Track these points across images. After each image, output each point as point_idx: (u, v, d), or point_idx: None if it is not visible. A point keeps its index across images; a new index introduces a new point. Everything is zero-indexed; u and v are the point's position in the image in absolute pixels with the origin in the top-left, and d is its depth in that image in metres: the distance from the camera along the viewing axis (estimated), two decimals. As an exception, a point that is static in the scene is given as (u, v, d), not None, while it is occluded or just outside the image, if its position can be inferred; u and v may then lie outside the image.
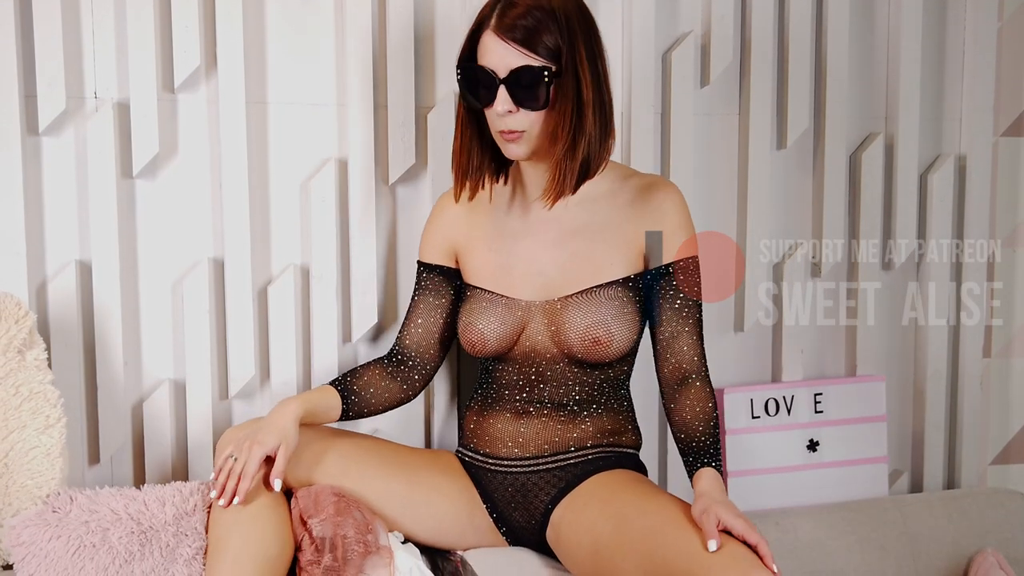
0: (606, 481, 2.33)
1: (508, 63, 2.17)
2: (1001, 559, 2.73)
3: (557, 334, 2.33)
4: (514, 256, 2.39)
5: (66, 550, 2.18)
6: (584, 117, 2.20)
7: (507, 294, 2.37)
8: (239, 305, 2.54)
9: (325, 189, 2.56)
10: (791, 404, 2.87)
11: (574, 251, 2.35)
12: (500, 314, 2.36)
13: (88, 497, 2.27)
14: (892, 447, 3.05)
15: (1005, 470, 3.17)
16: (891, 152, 2.95)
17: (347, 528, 2.22)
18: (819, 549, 2.68)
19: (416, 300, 2.47)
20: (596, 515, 2.23)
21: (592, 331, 2.30)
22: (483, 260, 2.41)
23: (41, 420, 2.27)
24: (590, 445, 2.39)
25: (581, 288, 2.33)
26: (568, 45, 2.17)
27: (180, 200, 2.53)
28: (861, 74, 2.94)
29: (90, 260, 2.47)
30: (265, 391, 2.61)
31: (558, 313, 2.33)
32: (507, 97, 2.18)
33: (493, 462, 2.42)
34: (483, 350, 2.37)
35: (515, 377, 2.39)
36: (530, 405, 2.39)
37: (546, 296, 2.35)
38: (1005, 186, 3.11)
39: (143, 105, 2.45)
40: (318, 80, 2.59)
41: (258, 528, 2.18)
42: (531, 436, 2.39)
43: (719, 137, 2.85)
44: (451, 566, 2.39)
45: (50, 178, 2.46)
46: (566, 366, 2.36)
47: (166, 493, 2.30)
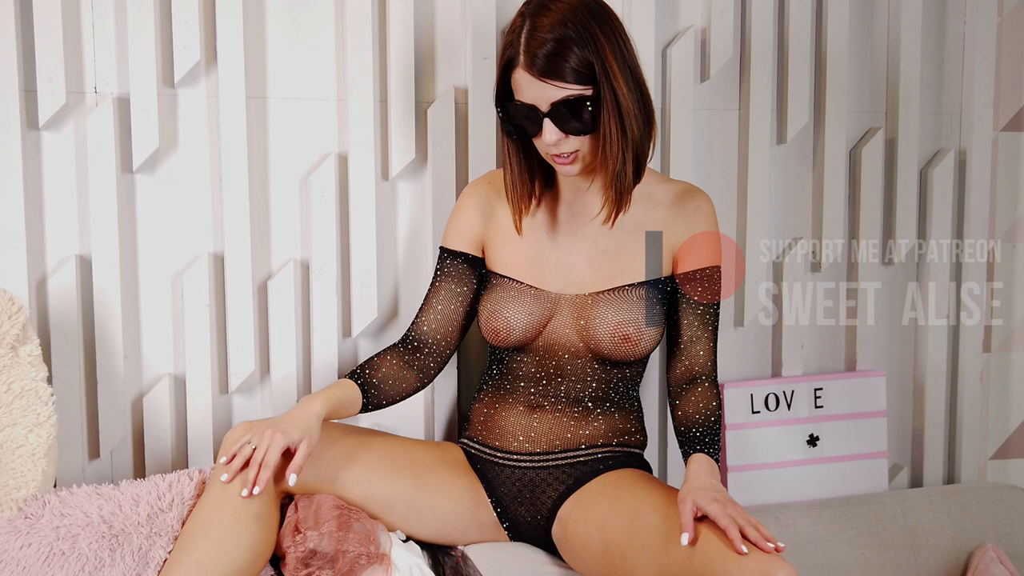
0: (615, 479, 2.33)
1: (547, 97, 2.17)
2: (1001, 554, 2.73)
3: (585, 329, 2.34)
4: (547, 248, 2.40)
5: (37, 558, 2.14)
6: (628, 128, 2.21)
7: (537, 285, 2.38)
8: (239, 300, 2.54)
9: (325, 184, 2.56)
10: (791, 399, 2.87)
11: (606, 249, 2.38)
12: (528, 304, 2.36)
13: (61, 500, 2.23)
14: (892, 442, 3.05)
15: (1005, 465, 3.17)
16: (891, 147, 2.95)
17: (348, 544, 2.21)
18: (819, 544, 2.68)
19: (436, 286, 2.45)
20: (606, 512, 2.23)
21: (623, 328, 2.32)
22: (514, 250, 2.41)
23: (32, 418, 2.24)
24: (601, 444, 2.40)
25: (613, 285, 2.36)
26: (598, 58, 2.16)
27: (180, 195, 2.53)
28: (861, 69, 2.94)
29: (90, 255, 2.47)
30: (265, 386, 2.60)
31: (588, 308, 2.34)
32: (554, 128, 2.19)
33: (502, 456, 2.42)
34: (507, 339, 2.37)
35: (533, 369, 2.40)
36: (544, 399, 2.40)
37: (576, 290, 2.37)
38: (1005, 181, 3.11)
39: (143, 100, 2.45)
40: (318, 75, 2.59)
41: (234, 536, 2.14)
42: (543, 431, 2.39)
43: (719, 132, 2.85)
44: (452, 561, 2.39)
45: (50, 173, 2.45)
46: (587, 361, 2.37)
47: (142, 490, 2.26)
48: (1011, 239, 3.12)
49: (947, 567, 2.75)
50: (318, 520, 2.23)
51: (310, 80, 2.59)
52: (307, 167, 2.59)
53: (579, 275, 2.38)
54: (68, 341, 2.45)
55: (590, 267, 2.38)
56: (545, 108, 2.18)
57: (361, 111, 2.56)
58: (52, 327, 2.45)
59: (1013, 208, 3.11)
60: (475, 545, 2.44)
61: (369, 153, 2.58)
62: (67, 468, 2.48)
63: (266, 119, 2.57)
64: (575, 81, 2.16)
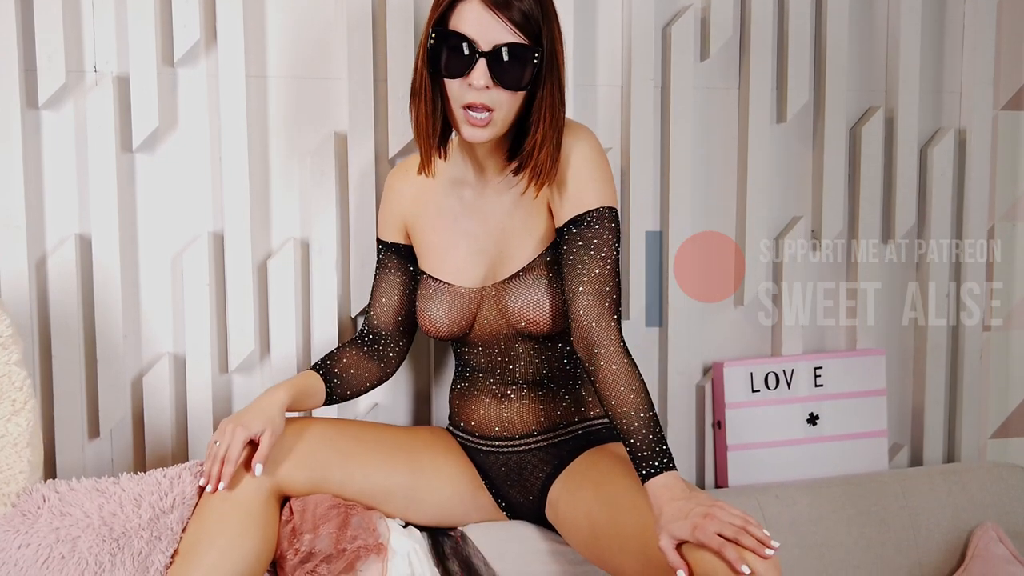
0: (597, 460, 2.30)
1: (494, 37, 2.07)
2: (1001, 532, 2.74)
3: (504, 315, 2.30)
4: (456, 237, 2.35)
5: (35, 559, 2.11)
6: (563, 107, 2.16)
7: (451, 281, 2.34)
8: (239, 279, 2.54)
9: (324, 162, 2.56)
10: (791, 378, 2.87)
11: (505, 229, 2.31)
12: (448, 301, 2.33)
13: (60, 496, 2.19)
14: (892, 421, 3.05)
15: (1005, 444, 3.17)
16: (891, 126, 2.95)
17: (346, 541, 2.23)
18: (819, 523, 2.68)
19: (378, 278, 2.46)
20: (591, 498, 2.21)
21: (526, 313, 2.27)
22: (428, 242, 2.38)
23: (7, 406, 2.15)
24: (577, 421, 2.39)
25: (515, 270, 2.29)
26: (548, 28, 2.11)
27: (180, 174, 2.53)
28: (861, 47, 2.94)
29: (90, 234, 2.47)
30: (265, 365, 2.61)
31: (499, 297, 2.30)
32: (486, 71, 2.07)
33: (484, 443, 2.42)
34: (437, 335, 2.36)
35: (483, 360, 2.38)
36: (507, 388, 2.38)
37: (487, 281, 2.33)
38: (1005, 160, 3.10)
39: (143, 79, 2.45)
40: (318, 54, 2.59)
41: (239, 547, 2.15)
42: (515, 419, 2.38)
43: (719, 111, 2.85)
44: (451, 542, 2.39)
45: (50, 152, 2.45)
46: (528, 344, 2.33)
47: (144, 488, 2.23)
48: (1011, 219, 3.11)
49: (947, 546, 2.75)
50: (315, 521, 2.24)
51: (310, 59, 2.58)
52: (307, 146, 2.59)
53: (489, 262, 2.32)
54: (68, 320, 2.46)
55: (497, 254, 2.31)
56: (486, 47, 2.07)
57: (361, 90, 2.56)
58: (52, 306, 2.45)
59: (1013, 187, 3.11)
60: (473, 525, 2.45)
61: (368, 132, 2.57)
62: (67, 448, 2.48)
63: (266, 98, 2.56)
64: (528, 37, 2.08)
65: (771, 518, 2.64)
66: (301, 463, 2.27)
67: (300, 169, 2.59)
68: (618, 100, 2.75)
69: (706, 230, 2.85)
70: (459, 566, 2.35)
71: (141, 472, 2.29)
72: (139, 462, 2.56)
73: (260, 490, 2.21)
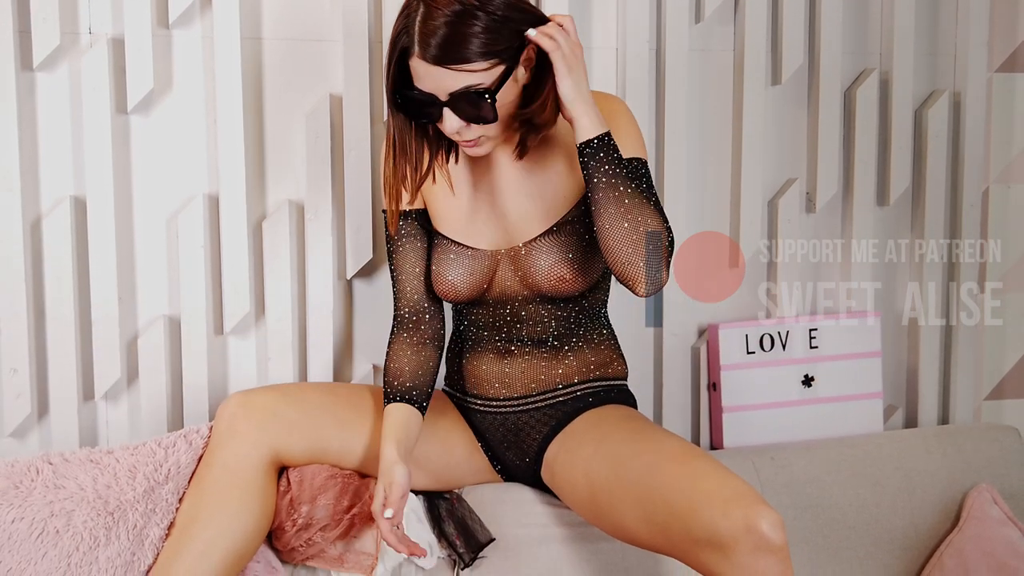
0: (597, 419, 2.32)
1: (447, 86, 2.05)
2: (995, 494, 2.74)
3: (525, 278, 2.30)
4: (477, 200, 2.34)
5: (29, 533, 2.11)
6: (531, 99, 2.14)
7: (472, 244, 2.33)
8: (234, 241, 2.54)
9: (320, 125, 2.56)
10: (786, 340, 2.88)
11: (530, 191, 2.30)
12: (468, 264, 2.31)
13: (54, 469, 2.20)
14: (887, 383, 3.06)
15: (999, 405, 3.17)
16: (886, 88, 2.95)
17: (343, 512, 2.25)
18: (814, 484, 2.69)
19: (401, 252, 2.37)
20: (590, 455, 2.22)
21: (556, 270, 2.26)
22: (446, 205, 2.35)
23: None
24: (577, 381, 2.39)
25: (541, 230, 2.29)
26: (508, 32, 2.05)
27: (175, 136, 2.53)
28: (856, 9, 2.93)
29: (85, 196, 2.47)
30: (260, 327, 2.61)
31: (523, 259, 2.29)
32: (454, 116, 2.09)
33: (482, 403, 2.42)
34: (456, 298, 2.34)
35: (491, 319, 2.37)
36: (512, 344, 2.38)
37: (510, 242, 2.31)
38: (1000, 122, 3.10)
39: (138, 41, 2.44)
40: (313, 16, 2.58)
41: (240, 521, 2.17)
42: (517, 375, 2.38)
43: (714, 73, 2.85)
44: (447, 504, 2.40)
45: (44, 114, 2.45)
46: (538, 305, 2.33)
47: (139, 459, 2.24)
48: (1005, 180, 3.11)
49: (942, 507, 2.75)
50: (313, 492, 2.25)
51: (305, 21, 2.58)
52: (302, 108, 2.59)
53: (511, 225, 2.31)
54: (62, 283, 2.46)
55: (520, 215, 2.30)
56: (444, 97, 2.07)
57: (355, 52, 2.56)
58: (46, 268, 2.46)
59: (1007, 149, 3.11)
60: (469, 487, 2.46)
61: (363, 94, 2.57)
62: (61, 410, 2.49)
63: (261, 60, 2.56)
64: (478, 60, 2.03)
65: (766, 480, 2.64)
66: (300, 433, 2.27)
67: (295, 131, 2.58)
68: (613, 62, 2.74)
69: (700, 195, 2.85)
70: (455, 528, 2.37)
71: (136, 439, 2.29)
72: (134, 424, 2.56)
73: (260, 462, 2.22)
